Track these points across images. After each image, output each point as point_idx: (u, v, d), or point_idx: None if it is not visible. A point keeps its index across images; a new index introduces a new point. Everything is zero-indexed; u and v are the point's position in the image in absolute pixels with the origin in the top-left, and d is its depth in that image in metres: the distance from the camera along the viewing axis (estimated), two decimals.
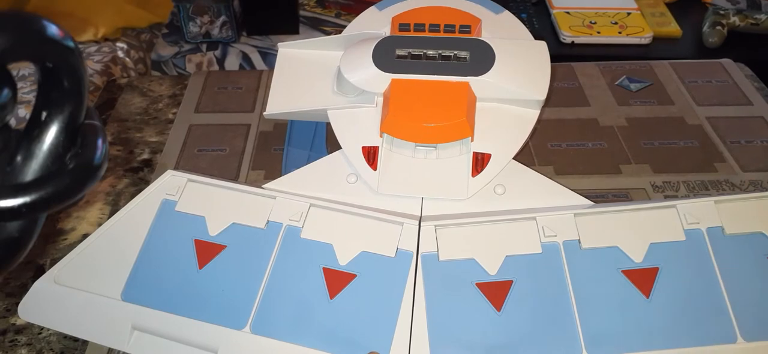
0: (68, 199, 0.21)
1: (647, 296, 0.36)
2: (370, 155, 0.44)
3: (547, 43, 0.49)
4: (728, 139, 0.58)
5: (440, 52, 0.46)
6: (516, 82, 0.45)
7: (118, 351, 0.40)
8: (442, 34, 0.48)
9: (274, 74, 0.52)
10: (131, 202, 0.42)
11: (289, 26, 1.01)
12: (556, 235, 0.38)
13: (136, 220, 0.41)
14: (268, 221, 0.40)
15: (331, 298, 0.37)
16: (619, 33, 1.06)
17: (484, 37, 0.48)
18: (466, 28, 0.48)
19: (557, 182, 0.44)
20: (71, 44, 0.21)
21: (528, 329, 0.36)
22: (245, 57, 0.97)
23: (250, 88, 0.65)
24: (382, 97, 0.45)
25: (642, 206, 0.40)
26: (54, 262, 0.48)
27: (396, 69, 0.45)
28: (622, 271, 0.37)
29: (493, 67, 0.45)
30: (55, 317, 0.38)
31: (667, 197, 0.52)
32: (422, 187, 0.43)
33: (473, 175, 0.43)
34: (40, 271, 0.47)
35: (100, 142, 0.23)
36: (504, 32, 0.49)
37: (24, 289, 0.45)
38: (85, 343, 0.42)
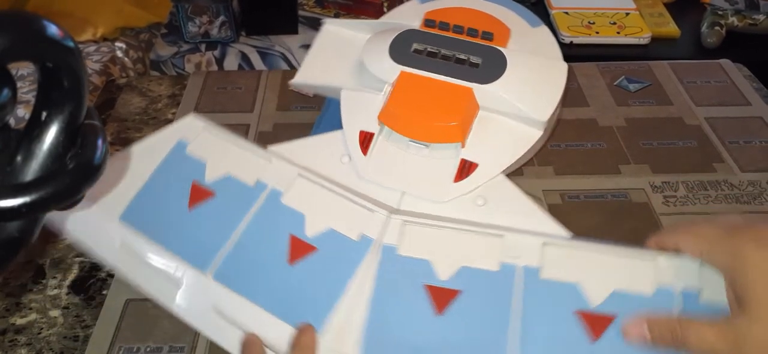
0: (68, 198, 0.22)
1: (594, 340, 0.35)
2: (365, 140, 0.44)
3: None
4: (727, 139, 0.58)
5: (455, 53, 0.46)
6: (519, 97, 0.44)
7: (119, 350, 0.41)
8: (463, 37, 0.47)
9: (312, 48, 0.52)
10: (151, 135, 0.45)
11: (288, 26, 1.01)
12: (518, 258, 0.37)
13: (151, 151, 0.45)
14: (257, 180, 0.42)
15: (290, 264, 0.39)
16: (618, 33, 1.07)
17: (509, 47, 0.47)
18: (488, 35, 0.46)
19: (557, 182, 0.44)
20: (71, 44, 0.21)
21: (460, 341, 0.35)
22: (244, 57, 0.97)
23: (249, 88, 0.65)
24: (391, 87, 0.46)
25: (617, 252, 0.38)
26: (53, 261, 0.48)
27: (408, 62, 0.45)
28: (576, 311, 0.36)
29: (500, 78, 0.44)
30: (66, 224, 0.42)
31: (666, 198, 0.52)
32: (405, 181, 0.43)
33: (455, 180, 0.42)
34: (40, 271, 0.47)
35: (100, 142, 0.23)
36: (532, 46, 0.48)
37: (24, 289, 0.46)
38: (84, 342, 0.42)
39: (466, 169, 0.43)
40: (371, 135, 0.44)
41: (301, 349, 0.35)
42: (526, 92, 0.44)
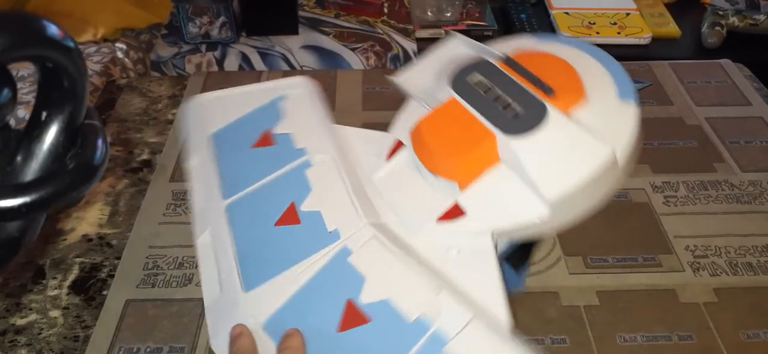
0: (68, 198, 0.21)
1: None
2: (394, 149, 0.44)
3: None
4: (727, 139, 0.58)
5: (504, 95, 0.42)
6: (531, 165, 0.39)
7: (119, 349, 0.41)
8: (524, 83, 0.42)
9: (430, 54, 0.50)
10: (266, 82, 0.54)
11: (289, 27, 1.00)
12: (435, 321, 0.35)
13: (254, 95, 0.52)
14: (295, 147, 0.47)
15: (274, 226, 0.43)
16: (618, 33, 1.07)
17: (569, 110, 0.41)
18: (549, 90, 0.41)
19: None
20: (71, 44, 0.21)
21: None
22: (245, 58, 0.97)
23: None
24: (433, 107, 0.44)
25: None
26: (53, 262, 0.48)
27: (460, 90, 0.43)
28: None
29: (525, 136, 0.39)
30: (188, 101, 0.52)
31: (666, 198, 0.52)
32: (398, 200, 0.42)
33: (438, 219, 0.40)
34: (39, 272, 0.47)
35: (100, 142, 0.23)
36: (596, 120, 0.40)
37: (24, 289, 0.46)
38: (84, 343, 0.42)
39: (453, 213, 0.40)
40: (399, 146, 0.44)
41: (290, 351, 0.35)
42: (545, 162, 0.39)
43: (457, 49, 0.49)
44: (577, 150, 0.38)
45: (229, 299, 0.40)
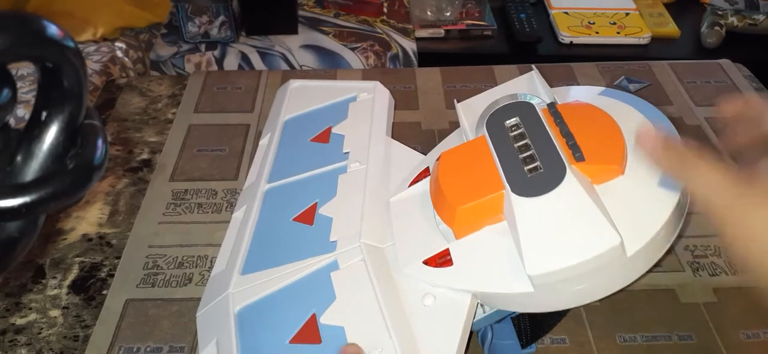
0: (68, 198, 0.21)
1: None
2: (420, 176, 0.44)
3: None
4: None
5: (532, 146, 0.38)
6: (526, 230, 0.35)
7: (119, 350, 0.41)
8: (558, 138, 0.38)
9: (502, 85, 0.47)
10: (348, 81, 0.58)
11: (288, 26, 1.00)
12: None
13: (335, 91, 0.56)
14: (342, 151, 0.49)
15: (291, 220, 0.44)
16: (618, 33, 1.07)
17: (603, 185, 0.36)
18: (579, 154, 0.36)
19: None
20: (71, 44, 0.21)
21: None
22: (244, 57, 0.97)
23: (249, 89, 0.65)
24: (462, 140, 0.44)
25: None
26: (53, 262, 0.48)
27: (491, 130, 0.41)
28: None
29: (529, 199, 0.35)
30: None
31: None
32: (400, 228, 0.41)
33: (425, 261, 0.38)
34: (39, 271, 0.47)
35: (100, 142, 0.23)
36: (627, 203, 0.35)
37: (24, 289, 0.46)
38: (84, 342, 0.42)
39: (440, 259, 0.38)
40: (425, 174, 0.43)
41: None
42: (541, 231, 0.34)
43: (525, 85, 0.46)
44: (579, 227, 0.34)
45: (226, 276, 0.42)
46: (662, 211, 0.34)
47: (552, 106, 0.40)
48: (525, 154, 0.38)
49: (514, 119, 0.41)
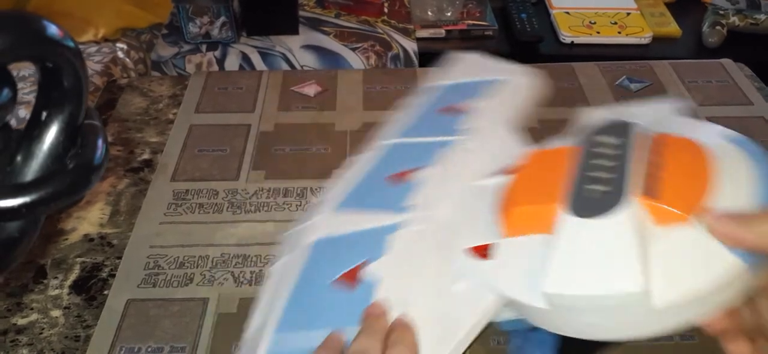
0: (68, 198, 0.21)
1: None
2: (514, 166, 0.43)
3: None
4: None
5: (610, 169, 0.36)
6: (559, 248, 0.33)
7: (120, 349, 0.41)
8: (640, 167, 0.35)
9: (637, 103, 0.46)
10: (505, 64, 0.53)
11: (289, 27, 1.01)
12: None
13: (493, 70, 0.53)
14: (459, 127, 0.48)
15: (385, 179, 0.45)
16: (619, 33, 1.07)
17: (664, 227, 0.33)
18: (651, 190, 0.34)
19: None
20: (71, 44, 0.21)
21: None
22: (245, 57, 0.97)
23: (250, 89, 0.65)
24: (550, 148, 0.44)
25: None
26: (54, 262, 0.48)
27: (584, 143, 0.39)
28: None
29: (574, 219, 0.34)
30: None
31: None
32: (466, 207, 0.43)
33: (468, 247, 0.39)
34: (40, 271, 0.47)
35: (100, 142, 0.23)
36: (681, 253, 0.32)
37: (25, 289, 0.46)
38: (85, 342, 0.42)
39: (482, 251, 0.38)
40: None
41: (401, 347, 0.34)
42: (571, 254, 0.33)
43: (651, 110, 0.43)
44: (609, 261, 0.32)
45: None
46: (715, 272, 0.31)
47: (662, 137, 0.38)
48: (595, 174, 0.36)
49: (608, 139, 0.38)
